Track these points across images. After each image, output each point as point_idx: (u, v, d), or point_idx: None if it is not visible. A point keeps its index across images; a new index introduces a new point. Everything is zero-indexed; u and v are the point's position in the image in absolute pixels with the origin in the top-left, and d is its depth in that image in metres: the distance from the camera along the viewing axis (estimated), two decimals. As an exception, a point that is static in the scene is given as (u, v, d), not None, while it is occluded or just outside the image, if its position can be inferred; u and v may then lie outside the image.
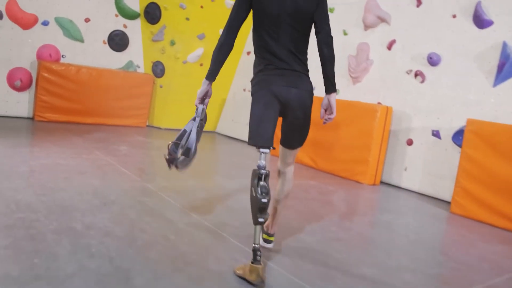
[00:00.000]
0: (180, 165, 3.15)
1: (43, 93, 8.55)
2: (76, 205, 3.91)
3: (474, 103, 6.13)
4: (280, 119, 3.20)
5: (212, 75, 3.11)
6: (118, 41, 9.65)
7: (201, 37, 9.57)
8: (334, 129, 7.17)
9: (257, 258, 2.82)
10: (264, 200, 2.81)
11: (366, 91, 7.52)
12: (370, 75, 7.50)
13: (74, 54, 9.23)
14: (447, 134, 6.39)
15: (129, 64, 9.85)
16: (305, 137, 3.23)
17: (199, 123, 3.19)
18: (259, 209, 2.81)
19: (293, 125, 3.15)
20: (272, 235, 3.55)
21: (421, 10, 6.85)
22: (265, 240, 3.52)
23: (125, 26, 9.71)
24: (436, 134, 6.50)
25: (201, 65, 9.69)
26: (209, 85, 3.14)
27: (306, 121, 3.15)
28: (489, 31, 6.06)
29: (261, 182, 2.87)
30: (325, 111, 3.21)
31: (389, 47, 7.21)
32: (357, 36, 7.71)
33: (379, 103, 7.22)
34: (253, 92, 3.10)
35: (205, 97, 3.20)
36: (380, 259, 3.66)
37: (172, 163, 3.16)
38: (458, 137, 6.21)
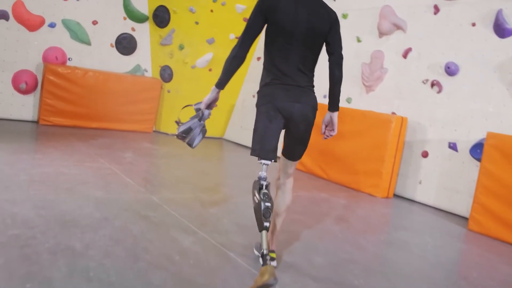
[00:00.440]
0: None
1: (48, 96, 8.39)
2: (76, 219, 3.70)
3: (494, 116, 5.88)
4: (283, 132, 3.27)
5: (221, 84, 3.16)
6: (126, 45, 9.48)
7: (211, 41, 9.38)
8: (346, 139, 6.93)
9: (267, 262, 2.79)
10: (267, 203, 2.94)
11: (379, 100, 7.28)
12: (384, 84, 7.26)
13: (80, 57, 9.07)
14: (464, 147, 6.14)
15: (137, 68, 9.68)
16: (304, 150, 3.30)
17: (203, 126, 3.36)
18: (264, 214, 2.93)
19: (295, 138, 3.19)
20: (273, 251, 3.37)
21: (438, 18, 6.61)
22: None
23: (133, 29, 9.55)
24: (452, 146, 6.25)
25: (210, 70, 9.49)
26: (218, 93, 3.21)
27: (308, 134, 3.21)
28: (511, 40, 5.80)
29: (263, 191, 3.03)
30: (325, 126, 3.34)
31: (405, 55, 6.97)
32: (371, 44, 7.48)
33: (393, 113, 6.99)
34: (258, 104, 3.16)
35: (212, 103, 3.27)
36: (400, 286, 3.42)
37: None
38: (476, 150, 5.96)
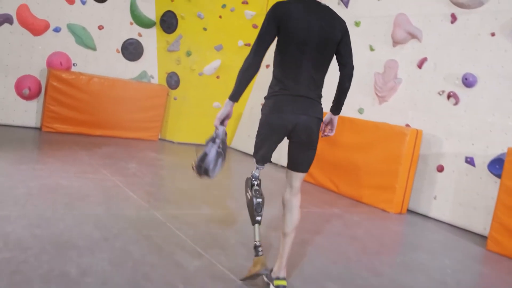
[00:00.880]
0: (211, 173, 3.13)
1: (51, 102, 8.22)
2: (74, 240, 3.46)
3: (515, 130, 5.62)
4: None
5: (236, 96, 3.04)
6: (132, 50, 9.32)
7: (219, 48, 9.18)
8: (359, 151, 6.69)
9: (259, 253, 3.16)
10: (259, 199, 3.17)
11: (393, 111, 7.03)
12: (398, 94, 7.00)
13: (85, 63, 8.93)
14: (482, 162, 5.88)
15: (143, 75, 9.51)
16: (310, 162, 3.22)
17: (220, 145, 3.11)
18: (255, 208, 3.15)
19: (296, 146, 3.15)
20: (284, 278, 3.14)
21: (455, 27, 6.36)
22: (278, 287, 3.10)
23: (140, 35, 9.40)
24: (470, 161, 5.98)
25: (217, 77, 9.28)
26: (232, 106, 3.07)
27: (311, 145, 3.15)
28: (533, 52, 5.56)
29: (254, 187, 3.21)
30: (325, 126, 3.41)
31: (420, 65, 6.71)
32: (385, 53, 7.23)
33: (407, 125, 6.73)
34: (264, 112, 3.14)
35: (226, 118, 3.10)
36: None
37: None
38: (494, 165, 5.70)
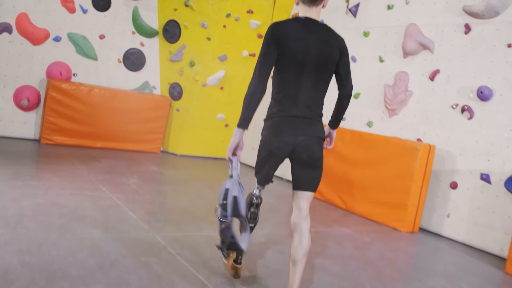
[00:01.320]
0: (243, 243, 3.04)
1: (51, 114, 8.02)
2: (66, 269, 3.19)
3: (534, 147, 5.36)
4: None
5: (245, 122, 2.94)
6: (134, 60, 9.14)
7: (223, 58, 8.96)
8: (368, 167, 6.43)
9: (239, 261, 3.37)
10: (251, 224, 3.25)
11: (403, 125, 6.77)
12: (409, 107, 6.75)
13: (86, 73, 8.74)
14: (498, 179, 5.61)
15: (145, 85, 9.32)
16: (316, 181, 3.11)
17: (239, 182, 3.01)
18: None
19: (298, 165, 3.08)
20: None
21: (470, 38, 6.11)
22: None
23: (142, 44, 9.23)
24: (485, 178, 5.71)
25: (221, 88, 9.06)
26: (242, 134, 2.96)
27: (314, 163, 3.07)
28: (553, 64, 5.30)
29: (252, 209, 3.26)
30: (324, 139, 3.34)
31: (432, 77, 6.46)
32: (395, 64, 6.98)
33: (419, 139, 6.47)
34: (263, 134, 3.11)
35: (238, 149, 2.99)
36: None
37: (231, 247, 3.07)
38: (512, 183, 5.44)
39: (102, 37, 8.78)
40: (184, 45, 9.09)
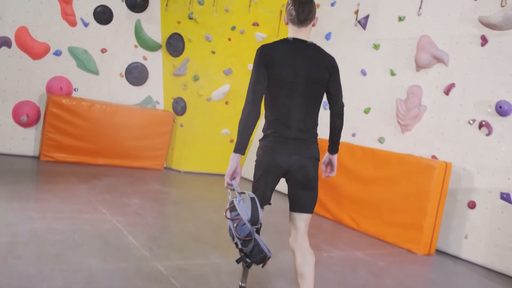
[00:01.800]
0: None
1: (51, 130, 7.84)
2: (59, 307, 2.92)
3: (558, 165, 5.07)
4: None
5: (241, 147, 2.92)
6: (136, 74, 8.99)
7: (228, 72, 8.77)
8: (381, 185, 6.15)
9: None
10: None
11: (417, 141, 6.48)
12: (423, 123, 6.47)
13: (87, 88, 8.59)
14: (520, 199, 5.33)
15: (148, 100, 9.15)
16: (312, 202, 3.12)
17: (241, 195, 2.90)
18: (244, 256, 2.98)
19: (293, 186, 3.09)
20: None
21: (486, 50, 5.84)
22: None
23: (145, 58, 9.08)
24: (506, 197, 5.42)
25: (226, 103, 8.85)
26: (238, 159, 2.92)
27: (309, 185, 3.07)
28: None
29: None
30: (325, 167, 3.34)
31: (447, 91, 6.18)
32: (408, 78, 6.71)
33: (434, 156, 6.18)
34: (258, 154, 3.09)
35: (236, 175, 2.92)
36: None
37: (254, 255, 2.84)
38: (534, 203, 5.15)
39: (103, 50, 8.63)
40: (188, 58, 8.93)
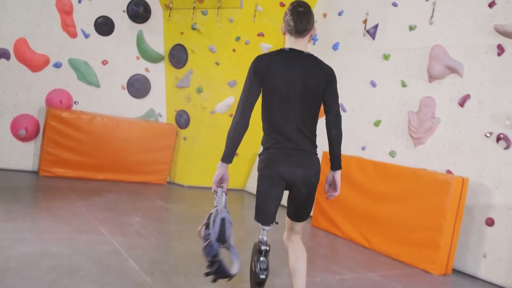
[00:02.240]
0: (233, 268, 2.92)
1: (50, 144, 7.64)
2: None
3: None
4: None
5: (228, 157, 3.00)
6: (138, 87, 8.83)
7: (232, 84, 8.59)
8: (394, 202, 5.88)
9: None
10: (262, 276, 3.03)
11: (430, 155, 6.22)
12: (436, 136, 6.20)
13: (88, 101, 8.41)
14: (541, 216, 5.05)
15: (150, 113, 8.98)
16: (309, 211, 3.23)
17: (222, 212, 2.98)
18: (257, 284, 3.04)
19: (297, 200, 3.14)
20: None
21: (503, 60, 5.59)
22: None
23: (147, 70, 8.91)
24: (526, 214, 5.15)
25: (231, 115, 8.61)
26: (225, 168, 3.01)
27: (311, 197, 3.15)
28: None
29: (261, 258, 3.07)
30: (329, 186, 3.27)
31: (462, 103, 5.92)
32: (420, 89, 6.46)
33: (448, 171, 5.91)
34: (260, 168, 3.11)
35: (222, 181, 3.02)
36: None
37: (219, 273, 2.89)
38: (558, 221, 4.87)
39: (104, 62, 8.46)
40: (191, 70, 8.75)
